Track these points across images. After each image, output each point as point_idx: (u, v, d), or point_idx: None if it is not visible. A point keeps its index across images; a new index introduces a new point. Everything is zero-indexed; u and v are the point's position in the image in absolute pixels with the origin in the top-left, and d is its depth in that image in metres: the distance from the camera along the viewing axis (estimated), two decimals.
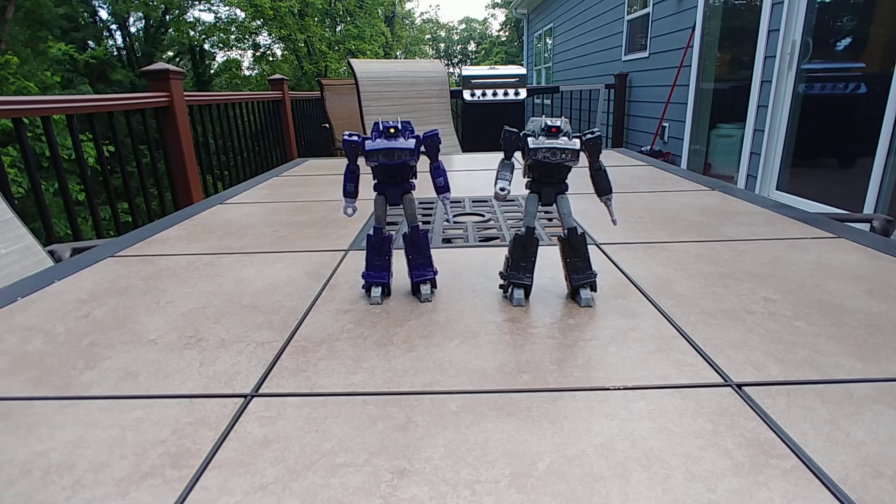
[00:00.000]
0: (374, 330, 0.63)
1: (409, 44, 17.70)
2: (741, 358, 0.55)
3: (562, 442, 0.43)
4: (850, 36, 2.93)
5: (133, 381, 0.53)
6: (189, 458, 0.42)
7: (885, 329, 0.60)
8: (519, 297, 0.68)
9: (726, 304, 0.67)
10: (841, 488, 0.37)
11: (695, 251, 0.87)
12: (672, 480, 0.38)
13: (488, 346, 0.59)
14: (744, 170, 3.51)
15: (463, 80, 3.29)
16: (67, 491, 0.39)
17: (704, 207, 1.15)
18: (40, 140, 3.67)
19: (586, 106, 4.87)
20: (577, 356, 0.56)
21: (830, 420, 0.45)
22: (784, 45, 3.07)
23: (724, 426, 0.44)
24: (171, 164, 2.55)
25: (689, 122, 4.23)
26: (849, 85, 2.85)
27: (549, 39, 9.24)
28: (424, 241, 0.70)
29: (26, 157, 1.67)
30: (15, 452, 0.43)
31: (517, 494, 0.38)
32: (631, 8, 5.42)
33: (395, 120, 0.64)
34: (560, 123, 0.63)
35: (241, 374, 0.54)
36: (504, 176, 0.65)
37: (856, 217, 1.45)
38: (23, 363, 0.57)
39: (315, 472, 0.40)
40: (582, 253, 0.67)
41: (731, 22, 3.95)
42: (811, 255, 0.83)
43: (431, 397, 0.49)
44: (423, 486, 0.39)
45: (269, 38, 13.28)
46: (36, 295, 0.75)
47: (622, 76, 5.11)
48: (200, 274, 0.82)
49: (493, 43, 21.90)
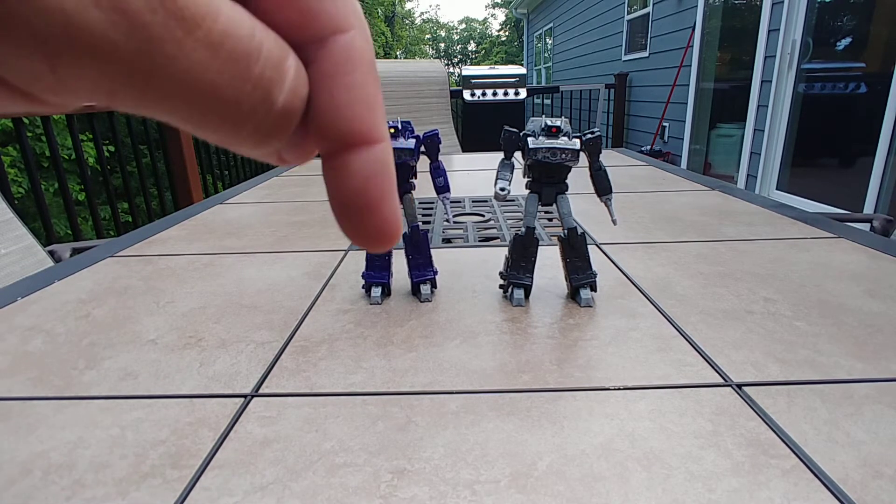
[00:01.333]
0: (374, 330, 0.63)
1: (409, 44, 17.71)
2: (741, 358, 0.55)
3: (562, 442, 0.43)
4: (850, 36, 2.93)
5: (133, 381, 0.53)
6: (189, 458, 0.42)
7: (885, 329, 0.60)
8: (519, 297, 0.68)
9: (726, 304, 0.67)
10: (841, 488, 0.37)
11: (695, 251, 0.87)
12: (672, 480, 0.38)
13: (488, 346, 0.59)
14: (744, 170, 3.51)
15: (463, 79, 3.29)
16: (67, 491, 0.39)
17: (704, 207, 1.15)
18: (40, 140, 3.67)
19: (586, 106, 4.87)
20: (577, 356, 0.56)
21: (830, 420, 0.45)
22: (784, 44, 3.07)
23: (724, 426, 0.44)
24: (171, 164, 2.55)
25: (689, 122, 4.23)
26: (849, 85, 2.86)
27: (549, 39, 9.24)
28: (424, 241, 0.70)
29: (26, 156, 1.67)
30: (15, 452, 0.43)
31: (517, 494, 0.38)
32: (631, 8, 5.42)
33: (395, 120, 0.64)
34: (560, 123, 0.63)
35: (241, 374, 0.54)
36: (504, 176, 0.65)
37: (856, 217, 1.45)
38: (23, 363, 0.57)
39: (315, 472, 0.40)
40: (582, 253, 0.67)
41: (731, 22, 3.95)
42: (811, 255, 0.83)
43: (431, 397, 0.49)
44: (423, 486, 0.39)
45: None
46: (36, 295, 0.75)
47: (622, 76, 5.11)
48: (200, 274, 0.82)
49: (493, 43, 21.90)
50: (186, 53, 0.09)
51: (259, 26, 0.10)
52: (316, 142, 0.12)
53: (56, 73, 0.09)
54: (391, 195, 0.13)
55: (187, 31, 0.09)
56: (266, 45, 0.10)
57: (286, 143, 0.12)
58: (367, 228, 0.12)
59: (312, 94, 0.12)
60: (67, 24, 0.08)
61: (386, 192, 0.12)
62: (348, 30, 0.11)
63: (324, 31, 0.11)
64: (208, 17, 0.09)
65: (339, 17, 0.11)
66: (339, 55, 0.11)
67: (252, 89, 0.10)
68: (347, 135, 0.12)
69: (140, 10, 0.09)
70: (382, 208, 0.12)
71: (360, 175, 0.12)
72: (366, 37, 0.12)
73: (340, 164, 0.12)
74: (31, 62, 0.09)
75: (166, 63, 0.09)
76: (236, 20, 0.10)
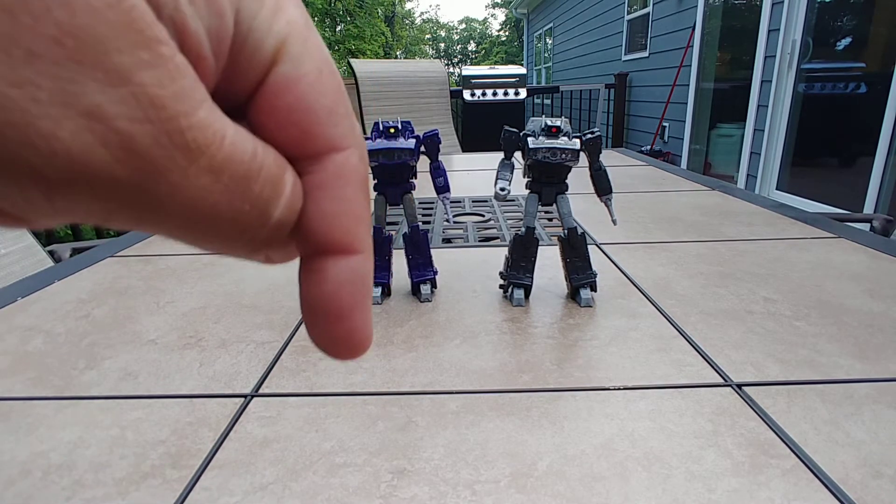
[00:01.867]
0: (374, 330, 0.63)
1: (409, 44, 17.71)
2: (741, 358, 0.55)
3: (562, 442, 0.43)
4: (850, 36, 2.93)
5: (133, 381, 0.53)
6: (189, 458, 0.42)
7: (885, 329, 0.60)
8: (519, 297, 0.68)
9: (726, 304, 0.67)
10: (841, 488, 0.37)
11: (695, 251, 0.87)
12: (672, 480, 0.38)
13: (488, 346, 0.59)
14: (744, 170, 3.51)
15: (463, 79, 3.29)
16: (67, 491, 0.39)
17: (704, 207, 1.15)
18: None
19: (586, 106, 4.87)
20: (577, 356, 0.56)
21: (830, 420, 0.45)
22: (784, 44, 3.07)
23: (724, 426, 0.44)
24: None
25: (689, 122, 4.23)
26: (849, 85, 2.86)
27: (549, 39, 9.24)
28: (424, 241, 0.70)
29: None
30: (15, 452, 0.43)
31: (517, 494, 0.38)
32: (631, 8, 5.42)
33: (395, 120, 0.64)
34: (560, 123, 0.63)
35: (241, 374, 0.54)
36: (504, 176, 0.65)
37: (856, 217, 1.45)
38: (23, 363, 0.57)
39: (315, 472, 0.40)
40: (582, 253, 0.67)
41: (731, 22, 3.95)
42: (811, 255, 0.83)
43: (431, 397, 0.49)
44: (423, 486, 0.39)
45: None
46: (36, 295, 0.75)
47: (622, 76, 5.10)
48: (200, 274, 0.82)
49: (493, 43, 21.90)
50: (189, 181, 0.09)
51: (260, 145, 0.10)
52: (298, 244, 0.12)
53: (52, 203, 0.09)
54: (364, 306, 0.12)
55: (191, 160, 0.09)
56: (266, 164, 0.10)
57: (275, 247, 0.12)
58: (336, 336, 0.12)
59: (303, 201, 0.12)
60: (71, 164, 0.08)
61: (359, 301, 0.12)
62: (345, 148, 0.12)
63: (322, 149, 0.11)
64: (213, 144, 0.09)
65: (338, 136, 0.11)
66: (333, 171, 0.12)
67: (250, 208, 0.10)
68: (330, 243, 0.12)
69: (147, 146, 0.09)
70: (353, 317, 0.12)
71: (334, 281, 0.12)
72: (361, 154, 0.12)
73: (318, 268, 0.12)
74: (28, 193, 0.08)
75: (168, 191, 0.09)
76: (239, 143, 0.10)
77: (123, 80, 0.08)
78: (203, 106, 0.09)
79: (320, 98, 0.11)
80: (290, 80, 0.11)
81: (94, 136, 0.08)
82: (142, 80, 0.08)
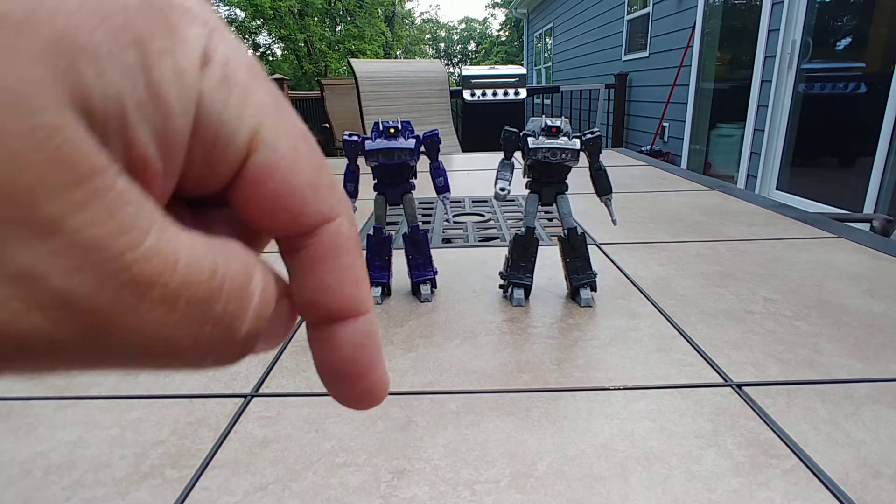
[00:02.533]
0: None
1: (409, 44, 17.71)
2: (741, 358, 0.55)
3: (562, 442, 0.43)
4: (850, 36, 2.93)
5: (133, 380, 0.53)
6: (189, 458, 0.42)
7: (885, 329, 0.60)
8: (519, 297, 0.68)
9: (726, 304, 0.67)
10: (841, 488, 0.37)
11: (695, 251, 0.87)
12: (672, 480, 0.38)
13: (488, 346, 0.59)
14: (744, 169, 3.51)
15: (463, 79, 3.29)
16: (67, 491, 0.39)
17: (704, 207, 1.15)
18: None
19: (586, 106, 4.87)
20: (577, 356, 0.56)
21: (830, 420, 0.45)
22: (784, 44, 3.07)
23: (724, 426, 0.44)
24: None
25: (689, 122, 4.23)
26: (849, 85, 2.86)
27: (549, 39, 9.24)
28: (424, 241, 0.70)
29: None
30: (15, 452, 0.43)
31: (517, 494, 0.38)
32: (631, 8, 5.42)
33: (395, 120, 0.64)
34: (560, 123, 0.63)
35: (241, 374, 0.54)
36: (504, 176, 0.65)
37: (856, 217, 1.45)
38: None
39: (315, 472, 0.40)
40: (582, 253, 0.67)
41: (731, 22, 3.95)
42: (811, 255, 0.83)
43: (431, 397, 0.49)
44: (423, 486, 0.39)
45: (269, 37, 13.27)
46: None
47: (622, 76, 5.10)
48: None
49: (493, 43, 21.91)
50: (140, 317, 0.08)
51: (221, 254, 0.10)
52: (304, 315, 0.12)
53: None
54: (379, 361, 0.13)
55: (142, 295, 0.08)
56: (228, 276, 0.10)
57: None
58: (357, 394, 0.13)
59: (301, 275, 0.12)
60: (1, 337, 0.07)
61: (374, 359, 0.13)
62: (335, 218, 0.12)
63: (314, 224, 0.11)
64: (165, 273, 0.08)
65: (327, 209, 0.11)
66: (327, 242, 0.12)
67: (212, 328, 0.09)
68: (338, 311, 0.12)
69: (87, 298, 0.08)
70: (371, 374, 0.13)
71: (348, 345, 0.12)
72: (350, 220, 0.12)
73: (328, 335, 0.12)
74: None
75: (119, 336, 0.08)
76: (195, 263, 0.09)
77: (53, 229, 0.07)
78: (150, 232, 0.08)
79: (302, 176, 0.11)
80: (269, 166, 0.10)
81: (22, 304, 0.07)
82: (75, 225, 0.07)
